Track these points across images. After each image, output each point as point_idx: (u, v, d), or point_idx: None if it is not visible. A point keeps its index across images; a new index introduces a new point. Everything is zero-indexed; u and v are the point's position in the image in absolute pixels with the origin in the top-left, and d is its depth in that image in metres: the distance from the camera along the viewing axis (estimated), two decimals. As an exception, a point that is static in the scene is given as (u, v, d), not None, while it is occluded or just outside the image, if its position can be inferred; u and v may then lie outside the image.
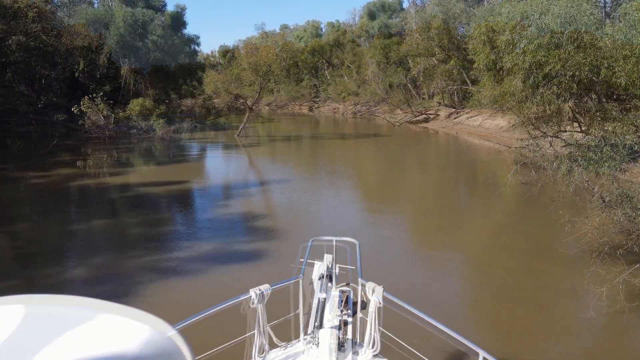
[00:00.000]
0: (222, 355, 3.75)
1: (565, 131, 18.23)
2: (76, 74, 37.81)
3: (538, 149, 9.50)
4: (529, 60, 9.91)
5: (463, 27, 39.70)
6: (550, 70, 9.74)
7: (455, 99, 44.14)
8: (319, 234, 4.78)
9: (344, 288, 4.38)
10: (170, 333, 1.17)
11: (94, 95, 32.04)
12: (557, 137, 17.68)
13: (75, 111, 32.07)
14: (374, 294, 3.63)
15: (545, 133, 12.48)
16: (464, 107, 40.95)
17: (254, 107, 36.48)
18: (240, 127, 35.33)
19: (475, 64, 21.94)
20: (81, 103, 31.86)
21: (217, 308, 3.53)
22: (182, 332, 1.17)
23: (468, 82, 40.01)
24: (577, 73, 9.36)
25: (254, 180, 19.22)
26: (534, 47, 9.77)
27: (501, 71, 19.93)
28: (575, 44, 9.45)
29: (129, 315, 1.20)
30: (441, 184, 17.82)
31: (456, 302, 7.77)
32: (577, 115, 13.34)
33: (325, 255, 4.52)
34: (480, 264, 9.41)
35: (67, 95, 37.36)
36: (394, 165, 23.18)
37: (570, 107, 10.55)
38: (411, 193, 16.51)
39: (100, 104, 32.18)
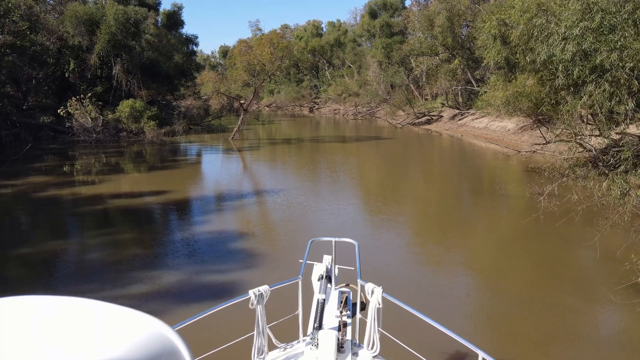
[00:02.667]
0: (221, 356, 3.69)
1: (581, 134, 16.57)
2: (66, 75, 36.24)
3: (584, 167, 7.63)
4: (572, 49, 8.05)
5: (468, 25, 37.95)
6: (601, 61, 7.83)
7: (460, 99, 42.54)
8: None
9: (344, 289, 4.37)
10: (169, 334, 1.18)
11: (82, 96, 30.54)
12: (577, 142, 16.01)
13: (61, 113, 30.58)
14: (374, 295, 3.58)
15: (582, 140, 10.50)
16: (469, 108, 39.29)
17: (248, 109, 34.93)
18: (235, 130, 33.76)
19: (485, 61, 20.25)
20: (68, 104, 30.38)
21: (216, 309, 3.48)
22: (182, 333, 1.17)
23: (473, 82, 38.38)
24: (639, 65, 7.47)
25: (245, 191, 17.39)
26: (580, 32, 7.88)
27: (514, 69, 18.25)
28: (636, 28, 7.58)
29: (129, 316, 1.24)
30: (451, 197, 16.15)
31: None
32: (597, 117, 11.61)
33: (325, 256, 4.49)
34: (506, 301, 7.77)
35: (57, 97, 35.83)
36: (398, 173, 21.54)
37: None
38: (420, 209, 14.87)
39: (88, 105, 30.66)
